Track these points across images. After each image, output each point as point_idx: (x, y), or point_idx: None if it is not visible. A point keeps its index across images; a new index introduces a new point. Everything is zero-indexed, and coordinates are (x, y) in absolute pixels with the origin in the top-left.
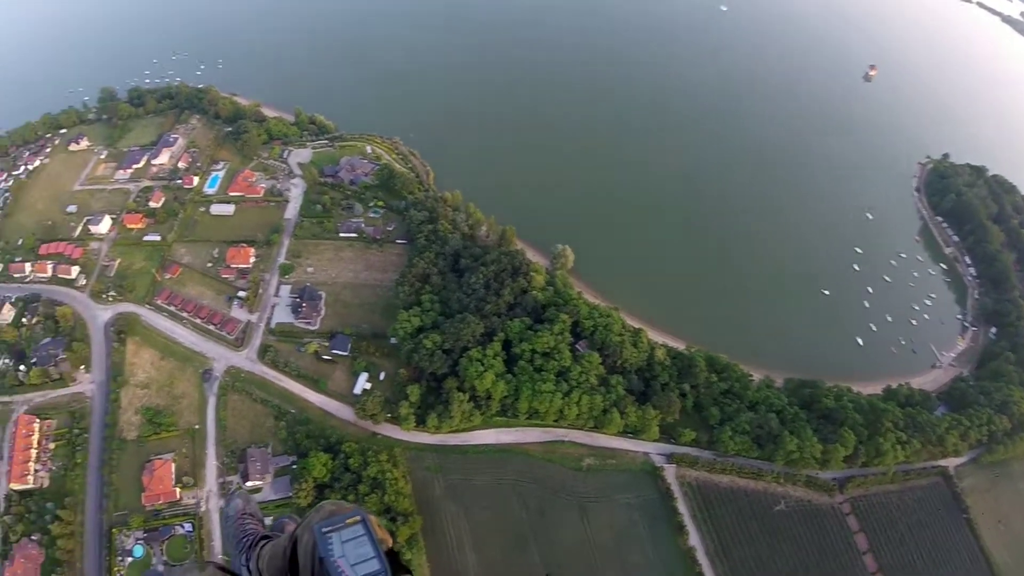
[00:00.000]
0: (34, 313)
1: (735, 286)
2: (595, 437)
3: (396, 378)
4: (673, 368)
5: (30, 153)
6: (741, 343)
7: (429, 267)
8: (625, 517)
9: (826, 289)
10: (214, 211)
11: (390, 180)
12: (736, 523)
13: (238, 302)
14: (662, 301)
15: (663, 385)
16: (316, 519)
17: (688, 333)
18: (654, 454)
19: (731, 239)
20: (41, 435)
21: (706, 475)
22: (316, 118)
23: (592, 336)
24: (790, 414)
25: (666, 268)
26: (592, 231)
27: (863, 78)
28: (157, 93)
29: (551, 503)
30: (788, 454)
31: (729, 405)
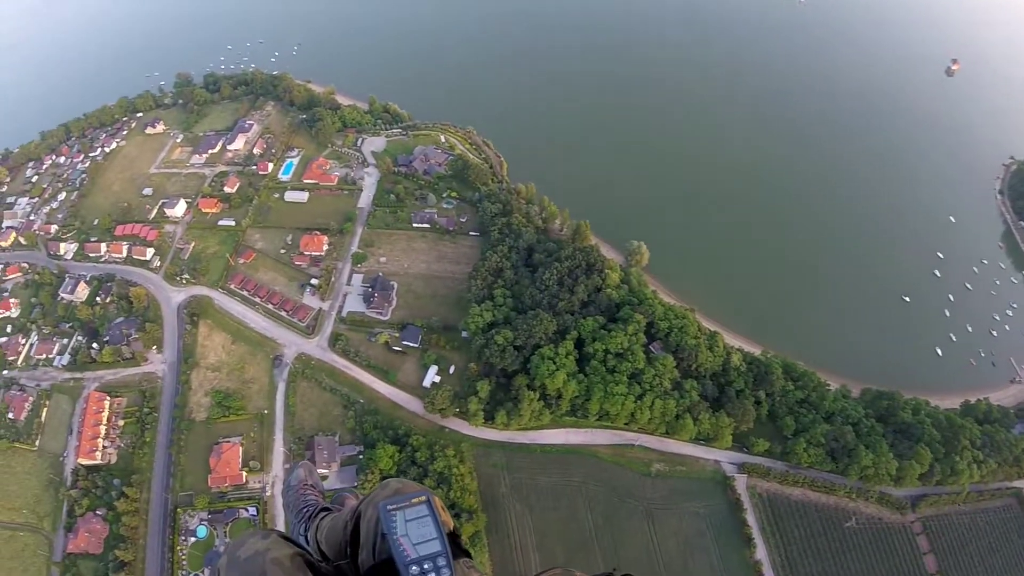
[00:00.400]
0: (108, 293)
1: (813, 288)
2: (666, 442)
3: (466, 372)
4: (749, 374)
5: (107, 135)
6: (817, 348)
7: (502, 261)
8: (692, 526)
9: (907, 296)
10: (288, 198)
11: (464, 171)
12: (805, 538)
13: (310, 289)
14: (737, 302)
15: (738, 392)
16: (382, 496)
17: (763, 336)
18: (725, 463)
19: (810, 238)
20: (111, 412)
21: (777, 487)
22: (390, 106)
23: (667, 338)
24: (866, 427)
25: (741, 267)
26: (667, 227)
27: (945, 73)
28: (232, 79)
29: (617, 507)
30: (863, 469)
31: (805, 415)
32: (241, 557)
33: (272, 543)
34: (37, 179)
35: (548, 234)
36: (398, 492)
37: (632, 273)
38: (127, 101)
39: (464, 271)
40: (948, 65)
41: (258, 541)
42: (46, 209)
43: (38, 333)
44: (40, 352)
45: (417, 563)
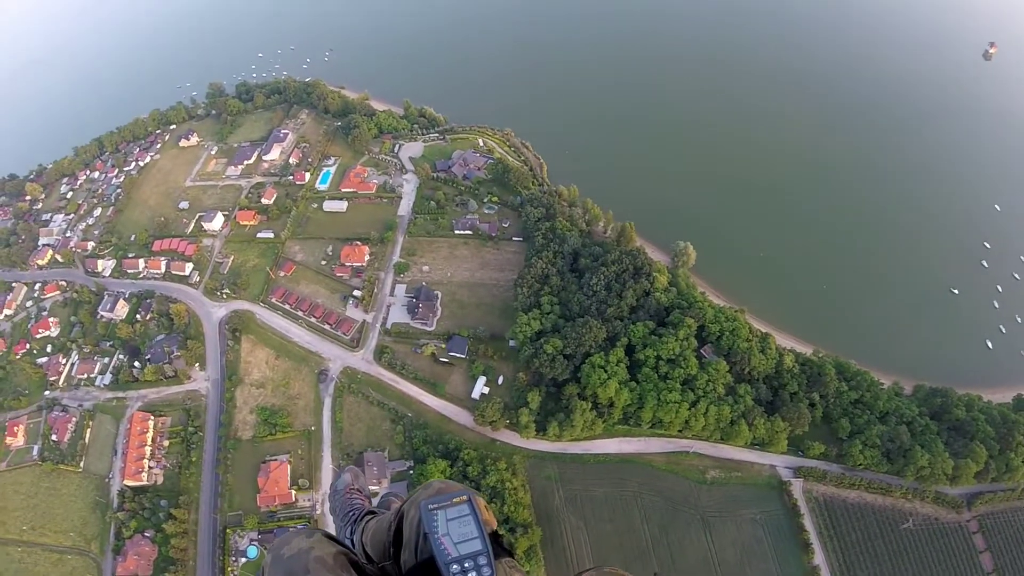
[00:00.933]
0: (148, 310)
1: (859, 282)
2: (720, 448)
3: (515, 383)
4: (802, 376)
5: (140, 149)
6: (867, 344)
7: (548, 267)
8: (750, 533)
9: (955, 288)
10: (327, 208)
11: (505, 175)
12: (862, 541)
13: (353, 301)
14: (784, 299)
15: (792, 395)
16: (424, 496)
17: (812, 334)
18: (781, 467)
19: (854, 232)
20: (155, 432)
21: (834, 490)
22: (425, 110)
23: (718, 341)
24: (920, 425)
25: (787, 264)
26: (712, 225)
27: (983, 56)
28: (265, 88)
29: (673, 517)
30: (919, 470)
31: (859, 416)
32: (285, 555)
33: (316, 541)
34: (72, 195)
35: (592, 237)
36: (440, 492)
37: (679, 275)
38: (159, 113)
39: (508, 278)
40: (986, 48)
41: (302, 540)
42: (82, 226)
43: (78, 352)
44: (81, 371)
45: (458, 562)
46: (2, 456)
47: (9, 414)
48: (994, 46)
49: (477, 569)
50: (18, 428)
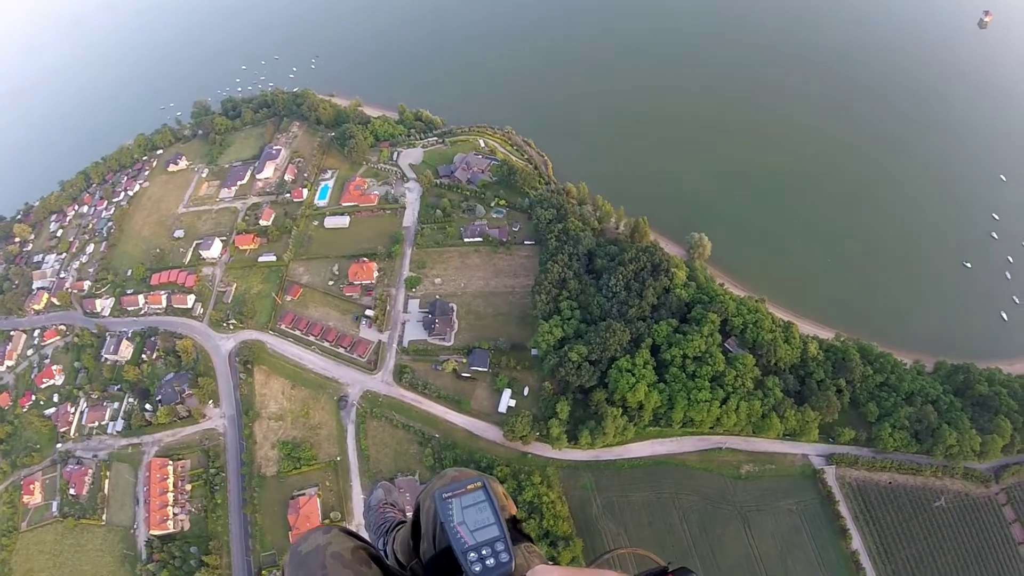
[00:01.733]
0: (153, 348)
1: (873, 261)
2: (752, 442)
3: (541, 392)
4: (827, 363)
5: (128, 178)
6: (885, 323)
7: (564, 271)
8: (788, 524)
9: (968, 261)
10: (328, 224)
11: (510, 177)
12: (897, 522)
13: (366, 321)
14: (800, 283)
15: (819, 382)
16: (438, 484)
17: (832, 317)
18: (813, 455)
19: (863, 210)
20: (176, 477)
21: (866, 474)
22: (421, 113)
23: (742, 334)
24: (945, 403)
25: (799, 247)
26: (722, 212)
27: (977, 25)
28: (252, 102)
29: (712, 515)
30: (948, 448)
31: (886, 399)
32: (302, 552)
33: (333, 537)
34: (62, 233)
35: (605, 235)
36: (455, 480)
37: (697, 267)
38: (145, 138)
39: (523, 284)
40: (980, 17)
41: (319, 536)
42: (75, 264)
43: (86, 399)
44: (91, 420)
45: (475, 549)
46: (21, 516)
47: (23, 472)
48: (989, 14)
49: (495, 556)
50: (34, 485)
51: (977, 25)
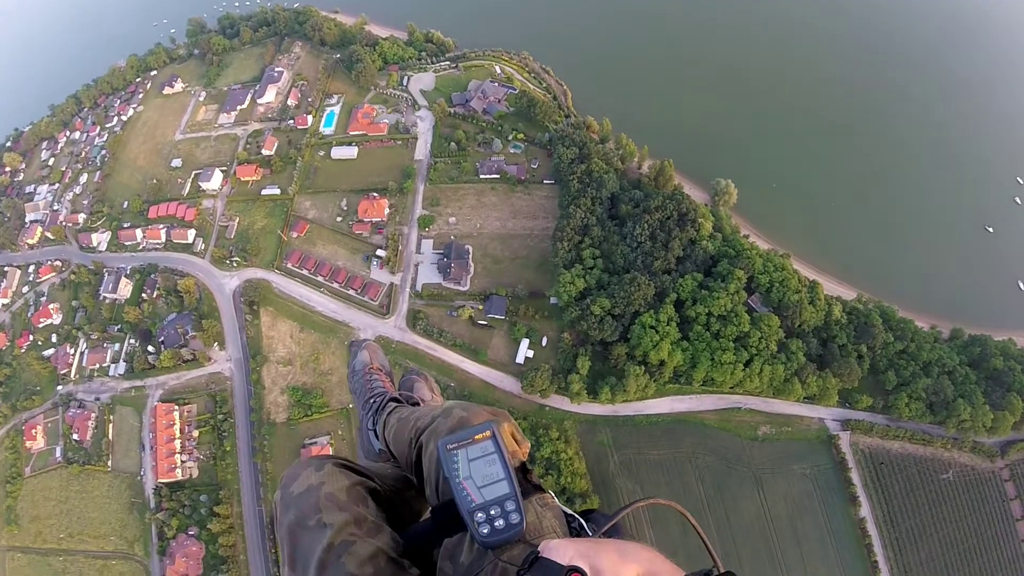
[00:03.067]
0: (153, 287)
1: (894, 220)
2: (771, 403)
3: (560, 344)
4: (850, 327)
5: (121, 102)
6: (904, 284)
7: (587, 216)
8: (800, 488)
9: (990, 226)
10: (335, 155)
11: (529, 109)
12: (904, 492)
13: (377, 262)
14: (823, 237)
15: (840, 347)
16: (443, 428)
17: (852, 273)
18: (829, 420)
19: (885, 166)
20: (182, 423)
21: (879, 441)
22: (432, 35)
23: (768, 294)
24: (960, 375)
25: (822, 199)
26: (747, 156)
27: None
28: (252, 20)
29: (727, 475)
30: (960, 422)
31: (904, 368)
32: (294, 493)
33: (327, 475)
34: (54, 161)
35: (626, 176)
36: (461, 423)
37: (722, 216)
38: (138, 59)
39: (542, 226)
40: None
41: (311, 474)
42: (69, 196)
43: (86, 340)
44: (92, 362)
45: (483, 509)
46: (25, 461)
47: (24, 415)
48: None
49: (505, 516)
50: (36, 430)
51: None
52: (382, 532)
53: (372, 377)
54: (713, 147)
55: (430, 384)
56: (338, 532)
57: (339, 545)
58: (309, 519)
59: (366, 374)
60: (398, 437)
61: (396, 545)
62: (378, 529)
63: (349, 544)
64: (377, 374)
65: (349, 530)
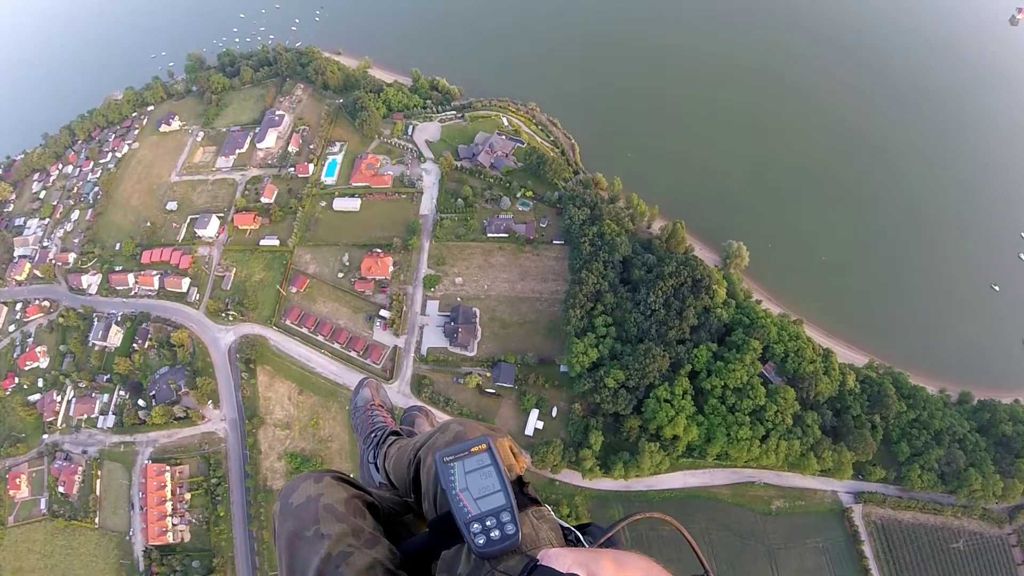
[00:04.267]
0: (145, 336)
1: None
2: (784, 477)
3: (570, 414)
4: (863, 396)
5: (116, 137)
6: (913, 345)
7: (599, 281)
8: (813, 562)
9: (996, 284)
10: (337, 206)
11: (540, 167)
12: (916, 562)
13: (380, 322)
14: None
15: (855, 418)
16: (441, 442)
17: (862, 335)
18: (842, 492)
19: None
20: (174, 484)
21: (890, 512)
22: (438, 82)
23: (783, 364)
24: (971, 443)
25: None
26: (757, 216)
27: (1009, 22)
28: (252, 59)
29: (740, 551)
30: (971, 492)
31: (917, 437)
32: (293, 504)
33: (326, 486)
34: (45, 195)
35: (636, 235)
36: (458, 437)
37: (734, 279)
38: (134, 93)
39: (552, 289)
40: (1013, 13)
41: (310, 486)
42: (59, 232)
43: (74, 388)
44: (80, 412)
45: (479, 520)
46: (8, 510)
47: (8, 461)
48: (1022, 11)
49: (500, 527)
50: (20, 479)
51: (1008, 22)
52: (380, 544)
53: (374, 413)
54: (723, 204)
55: (431, 420)
56: (336, 542)
57: (337, 555)
58: (307, 529)
59: (368, 410)
60: (398, 462)
61: (393, 557)
62: (376, 541)
63: (347, 555)
64: (379, 410)
65: (347, 541)
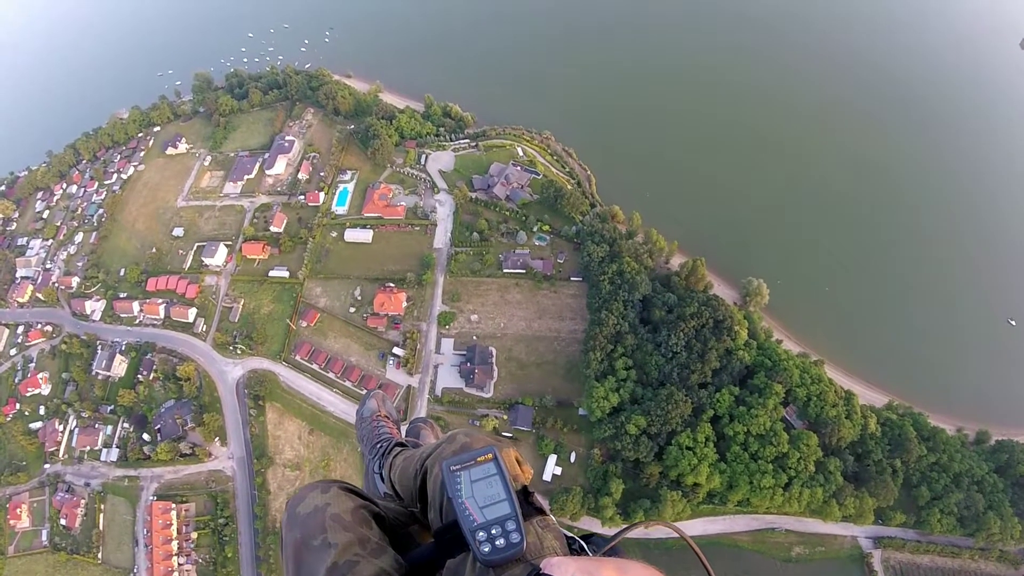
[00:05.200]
0: (150, 368)
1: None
2: (805, 522)
3: (589, 459)
4: (884, 439)
5: (122, 157)
6: (930, 384)
7: (619, 322)
8: None
9: (1013, 319)
10: (348, 237)
11: (556, 200)
12: None
13: (393, 360)
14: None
15: (876, 463)
16: (448, 452)
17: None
18: (862, 537)
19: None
20: (180, 523)
21: (909, 556)
22: (450, 109)
23: (805, 408)
24: (989, 484)
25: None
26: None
27: (1020, 46)
28: (261, 80)
29: None
30: (989, 535)
31: (936, 481)
32: (301, 513)
33: (333, 496)
34: (48, 215)
35: (654, 271)
36: (464, 448)
37: (754, 319)
38: (141, 113)
39: (569, 328)
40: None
41: (318, 495)
42: (63, 255)
43: (76, 418)
44: (83, 443)
45: (484, 528)
46: (9, 539)
47: (8, 490)
48: None
49: (505, 535)
50: (21, 508)
51: (1020, 46)
52: (386, 553)
53: (379, 424)
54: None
55: (435, 432)
56: (342, 552)
57: (343, 564)
58: (314, 538)
59: (374, 421)
60: (404, 473)
61: (399, 567)
62: (382, 550)
63: (353, 564)
64: (384, 421)
65: (353, 550)
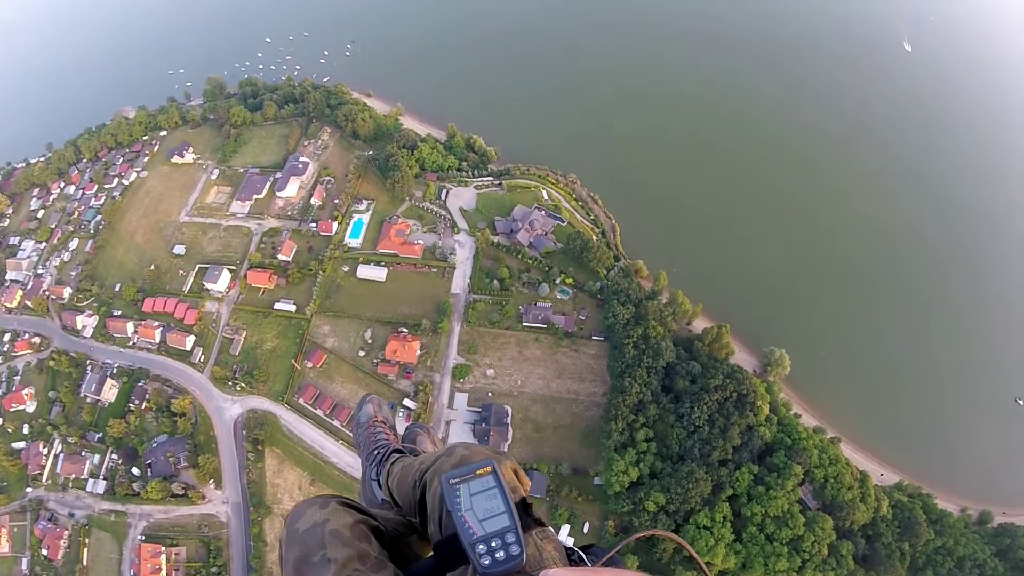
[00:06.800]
0: (143, 397)
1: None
2: None
3: (603, 531)
4: (895, 522)
5: (124, 160)
6: (935, 461)
7: (642, 390)
8: None
9: (1021, 398)
10: (361, 274)
11: (582, 253)
12: None
13: (404, 413)
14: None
15: (886, 546)
16: (447, 466)
17: (889, 449)
18: None
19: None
20: (169, 567)
21: None
22: (474, 141)
23: (822, 488)
24: (990, 568)
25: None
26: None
27: None
28: (277, 92)
29: None
30: None
31: (941, 564)
32: (300, 530)
33: (331, 512)
34: (43, 215)
35: (678, 334)
36: (463, 460)
37: (774, 391)
38: (147, 115)
39: (589, 391)
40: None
41: (316, 511)
42: (55, 261)
43: (62, 443)
44: (68, 471)
45: (484, 541)
46: None
47: None
48: None
49: (505, 548)
50: (1, 532)
51: None
52: (385, 569)
53: (376, 430)
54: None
55: (432, 438)
56: (342, 567)
57: None
58: (314, 555)
59: (370, 426)
60: (402, 482)
61: None
62: (381, 565)
63: None
64: (381, 427)
65: (353, 565)
